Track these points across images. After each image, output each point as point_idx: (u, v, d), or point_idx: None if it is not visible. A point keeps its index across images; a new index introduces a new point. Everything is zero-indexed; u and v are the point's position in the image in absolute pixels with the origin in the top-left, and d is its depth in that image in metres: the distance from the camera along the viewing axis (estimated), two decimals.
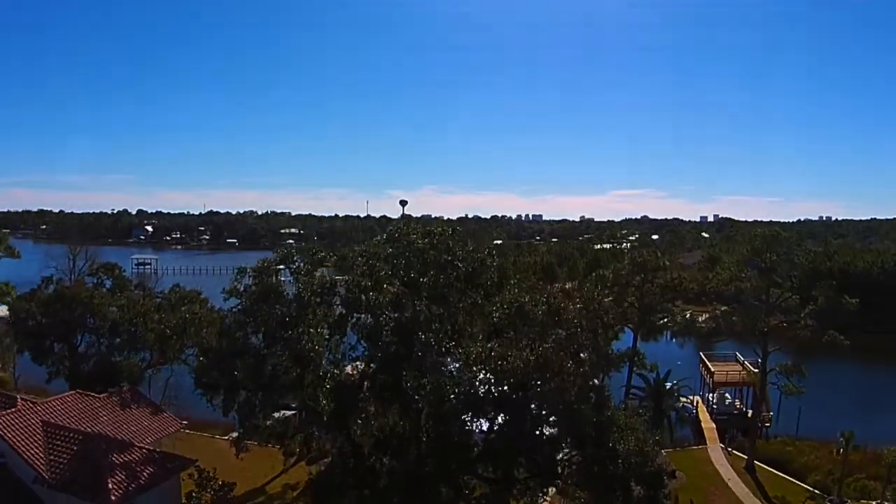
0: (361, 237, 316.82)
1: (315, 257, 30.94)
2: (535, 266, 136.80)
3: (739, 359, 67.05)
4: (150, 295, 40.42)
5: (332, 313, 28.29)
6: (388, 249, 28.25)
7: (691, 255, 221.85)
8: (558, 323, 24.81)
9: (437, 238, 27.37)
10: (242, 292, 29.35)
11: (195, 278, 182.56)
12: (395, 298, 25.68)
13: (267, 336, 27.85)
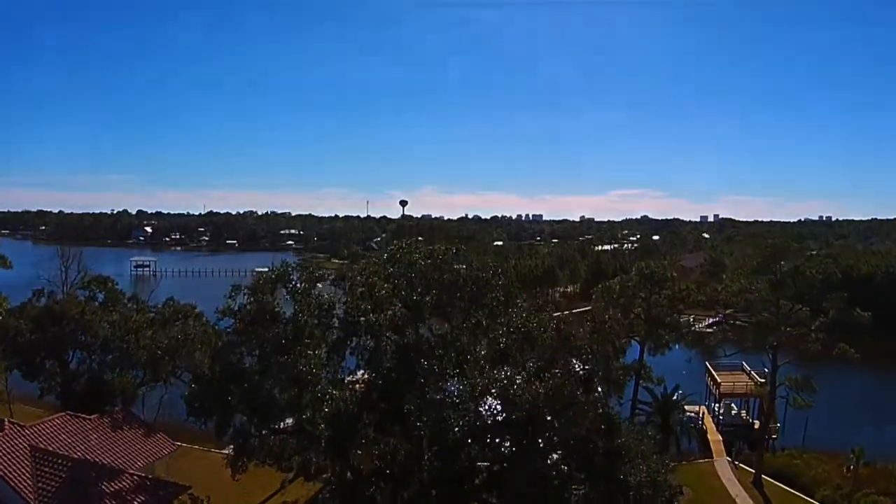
0: (361, 238, 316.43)
1: (313, 274, 29.81)
2: (537, 269, 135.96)
3: (746, 368, 65.93)
4: (143, 308, 39.24)
5: (330, 335, 27.19)
6: (389, 269, 27.13)
7: (693, 256, 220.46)
8: (568, 348, 23.76)
9: (440, 257, 26.27)
10: (237, 312, 28.20)
11: (193, 281, 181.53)
12: (396, 321, 24.61)
13: (262, 359, 26.74)
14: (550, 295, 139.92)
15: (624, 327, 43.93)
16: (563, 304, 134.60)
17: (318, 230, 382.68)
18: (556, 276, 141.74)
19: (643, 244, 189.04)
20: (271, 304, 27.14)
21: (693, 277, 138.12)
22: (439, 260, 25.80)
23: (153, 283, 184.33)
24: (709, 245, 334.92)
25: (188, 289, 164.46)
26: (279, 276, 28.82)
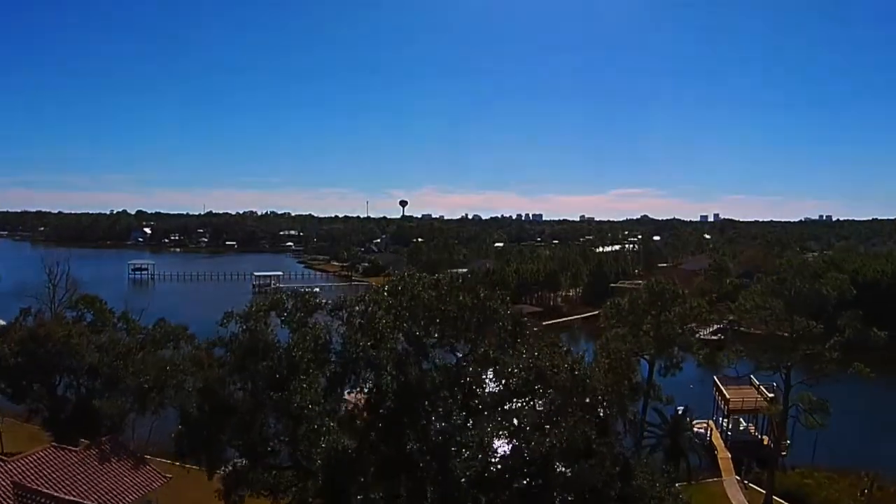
0: (361, 239, 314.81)
1: (308, 303, 28.29)
2: (539, 273, 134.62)
3: (754, 382, 64.38)
4: (134, 328, 37.68)
5: (328, 368, 25.71)
6: (389, 300, 25.61)
7: (695, 259, 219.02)
8: (583, 390, 22.27)
9: (444, 288, 24.78)
10: (228, 342, 26.70)
11: (192, 285, 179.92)
12: (399, 358, 23.17)
13: (255, 395, 25.28)
14: (552, 299, 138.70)
15: (633, 346, 42.57)
16: (566, 308, 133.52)
17: (317, 231, 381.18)
18: (558, 281, 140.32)
19: (645, 247, 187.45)
20: (265, 335, 25.64)
21: (697, 282, 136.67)
22: (444, 291, 24.29)
23: (151, 286, 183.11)
24: (710, 246, 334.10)
25: (186, 293, 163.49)
26: (273, 303, 27.32)
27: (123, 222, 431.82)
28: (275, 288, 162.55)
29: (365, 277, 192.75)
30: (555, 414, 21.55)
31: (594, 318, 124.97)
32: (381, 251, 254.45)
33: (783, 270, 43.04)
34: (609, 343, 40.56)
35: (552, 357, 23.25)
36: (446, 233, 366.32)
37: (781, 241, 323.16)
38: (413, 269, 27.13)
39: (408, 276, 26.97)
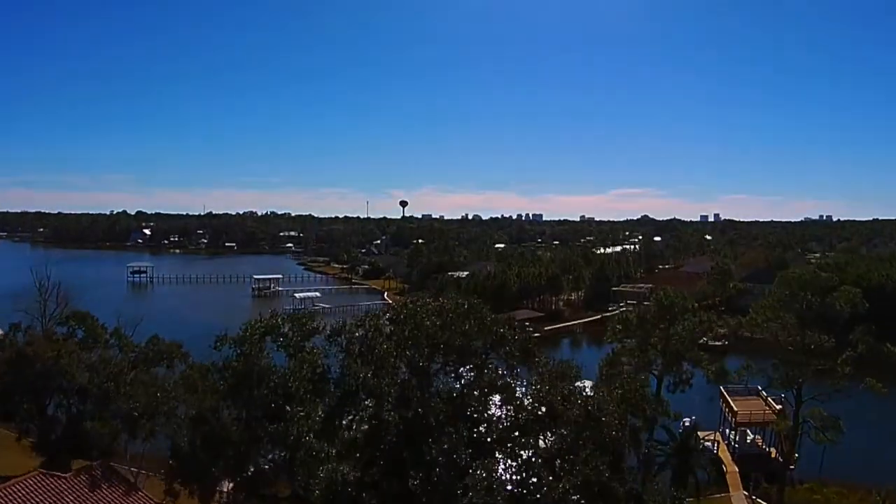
0: (361, 240, 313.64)
1: (305, 326, 27.11)
2: (541, 277, 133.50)
3: (762, 394, 63.20)
4: (126, 345, 36.44)
5: (325, 400, 24.57)
6: (390, 328, 24.43)
7: (697, 261, 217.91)
8: (596, 426, 21.12)
9: (450, 315, 23.57)
10: (222, 368, 25.53)
11: (191, 287, 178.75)
12: (401, 388, 22.04)
13: (249, 425, 24.15)
14: (554, 303, 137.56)
15: (642, 361, 41.50)
16: (568, 312, 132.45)
17: (317, 232, 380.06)
18: (560, 284, 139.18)
19: (647, 249, 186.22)
20: (260, 360, 24.49)
21: (699, 286, 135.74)
22: (450, 318, 23.10)
23: (150, 289, 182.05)
24: (711, 247, 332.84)
25: (184, 296, 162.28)
26: (268, 327, 26.14)
27: (123, 223, 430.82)
28: (274, 292, 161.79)
29: (365, 280, 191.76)
30: (567, 452, 20.44)
31: (596, 323, 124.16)
32: (382, 253, 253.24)
33: (793, 283, 41.73)
34: (617, 360, 39.45)
35: (563, 390, 22.09)
36: (446, 234, 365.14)
37: (783, 243, 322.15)
38: (417, 296, 25.64)
39: (410, 303, 25.76)
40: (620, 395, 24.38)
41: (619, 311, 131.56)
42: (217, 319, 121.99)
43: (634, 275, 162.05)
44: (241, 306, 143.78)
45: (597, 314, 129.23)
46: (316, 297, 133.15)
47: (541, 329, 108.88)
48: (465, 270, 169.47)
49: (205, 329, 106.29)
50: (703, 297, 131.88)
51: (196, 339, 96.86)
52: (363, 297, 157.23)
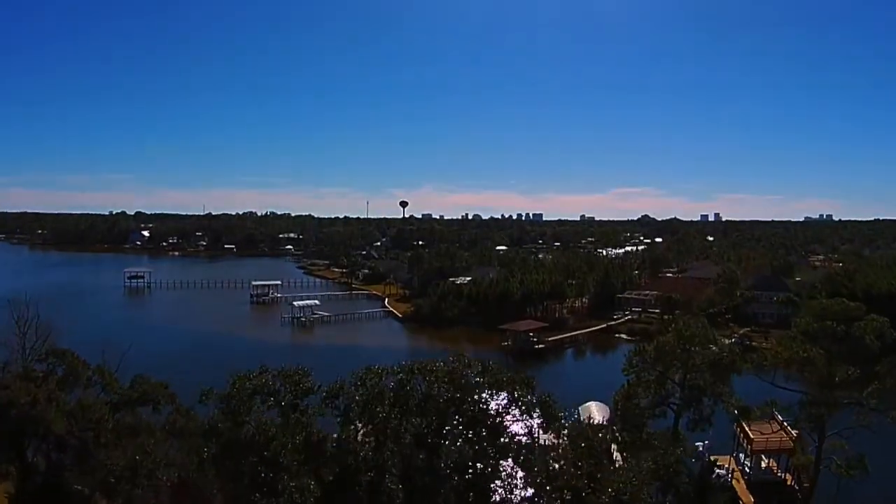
0: (361, 243, 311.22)
1: (299, 385, 24.77)
2: (544, 284, 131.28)
3: (777, 417, 60.81)
4: (111, 382, 34.05)
5: (322, 473, 22.30)
6: (391, 395, 22.14)
7: (701, 265, 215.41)
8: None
9: (462, 381, 21.25)
10: (207, 431, 23.22)
11: (188, 294, 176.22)
12: (406, 460, 19.86)
13: (238, 499, 21.91)
14: (558, 310, 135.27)
15: (659, 395, 39.27)
16: (572, 321, 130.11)
17: (317, 234, 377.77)
18: (564, 291, 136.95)
19: (651, 254, 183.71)
20: (248, 429, 22.22)
21: (705, 293, 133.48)
22: (462, 383, 20.82)
23: (147, 294, 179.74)
24: (713, 249, 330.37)
25: (182, 303, 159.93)
26: (258, 386, 23.82)
27: (122, 225, 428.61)
28: (272, 298, 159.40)
29: (365, 285, 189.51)
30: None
31: (602, 332, 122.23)
32: (382, 256, 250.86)
33: (821, 313, 39.39)
34: (633, 392, 37.09)
35: (590, 468, 19.87)
36: (447, 236, 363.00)
37: (785, 245, 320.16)
38: (422, 362, 22.94)
39: (417, 367, 23.45)
40: (653, 466, 22.18)
41: (624, 319, 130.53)
42: (215, 329, 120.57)
43: (638, 281, 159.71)
44: (240, 314, 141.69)
45: (602, 322, 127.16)
46: (315, 304, 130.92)
47: (545, 339, 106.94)
48: (466, 276, 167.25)
49: (201, 341, 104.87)
50: (710, 305, 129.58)
51: (191, 352, 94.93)
52: (363, 304, 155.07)
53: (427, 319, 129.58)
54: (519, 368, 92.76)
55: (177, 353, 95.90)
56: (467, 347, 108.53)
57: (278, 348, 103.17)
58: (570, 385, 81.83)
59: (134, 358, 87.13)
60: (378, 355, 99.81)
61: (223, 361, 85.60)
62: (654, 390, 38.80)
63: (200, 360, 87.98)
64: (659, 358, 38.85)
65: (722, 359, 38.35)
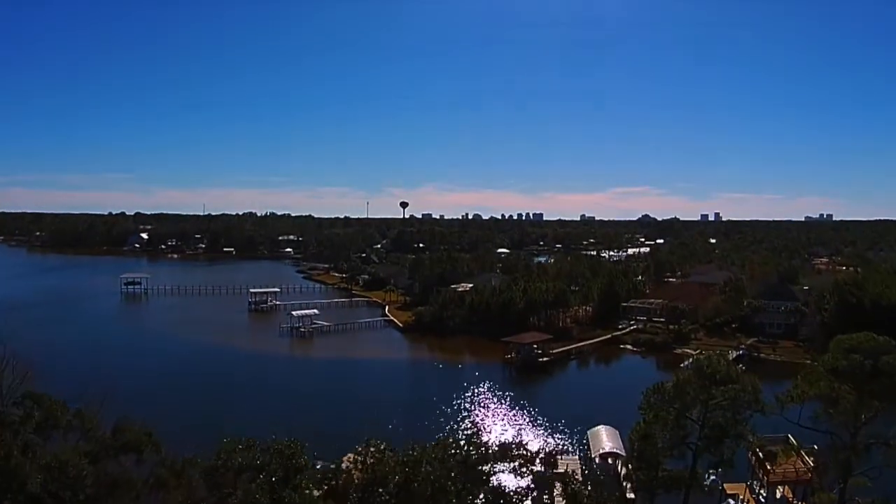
0: (361, 245, 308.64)
1: (290, 461, 22.39)
2: (548, 293, 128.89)
3: (792, 442, 58.51)
4: (92, 427, 31.68)
5: None
6: (395, 478, 19.86)
7: (704, 269, 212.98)
8: None
9: (474, 464, 18.97)
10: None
11: (185, 300, 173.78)
12: None
13: None
14: (562, 319, 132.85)
15: (678, 436, 37.02)
16: (576, 331, 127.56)
17: (317, 236, 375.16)
18: (568, 300, 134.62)
19: (655, 258, 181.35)
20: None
21: (712, 301, 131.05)
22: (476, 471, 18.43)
23: (144, 301, 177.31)
24: (716, 252, 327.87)
25: (179, 310, 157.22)
26: (246, 463, 21.49)
27: (120, 227, 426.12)
28: (271, 306, 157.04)
29: (366, 290, 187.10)
30: None
31: (606, 343, 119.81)
32: (382, 260, 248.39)
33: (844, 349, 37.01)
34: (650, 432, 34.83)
35: None
36: (448, 238, 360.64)
37: (788, 248, 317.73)
38: (434, 446, 20.52)
39: (427, 457, 21.09)
40: None
41: (629, 329, 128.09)
42: (211, 340, 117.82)
43: (643, 288, 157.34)
44: (237, 324, 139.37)
45: (606, 332, 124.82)
46: (314, 314, 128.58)
47: (549, 351, 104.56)
48: (468, 282, 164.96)
49: (197, 355, 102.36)
50: (716, 314, 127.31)
51: (186, 369, 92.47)
52: (364, 312, 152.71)
53: (428, 328, 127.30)
54: (523, 383, 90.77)
55: (170, 370, 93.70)
56: (470, 359, 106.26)
57: (276, 362, 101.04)
58: (577, 403, 79.62)
59: (126, 378, 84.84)
60: (378, 370, 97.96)
61: (218, 382, 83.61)
62: (671, 429, 36.54)
63: (195, 380, 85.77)
64: (678, 396, 36.57)
65: (744, 397, 35.96)
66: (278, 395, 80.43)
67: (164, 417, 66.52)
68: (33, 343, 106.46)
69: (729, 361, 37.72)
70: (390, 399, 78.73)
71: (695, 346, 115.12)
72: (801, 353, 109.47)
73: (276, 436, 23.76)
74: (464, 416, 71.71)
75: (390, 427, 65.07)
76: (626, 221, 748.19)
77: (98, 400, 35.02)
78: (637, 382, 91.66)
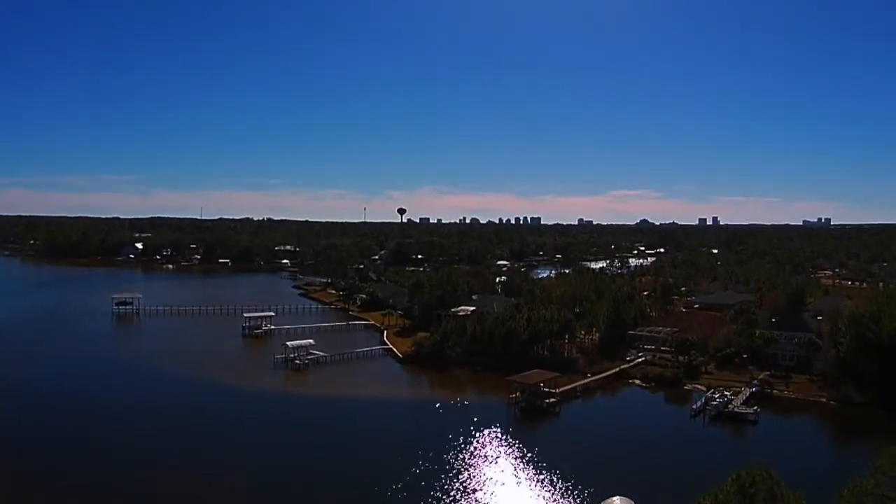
0: (359, 257, 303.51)
1: None
2: (553, 322, 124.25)
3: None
4: None
5: None
6: None
7: (711, 288, 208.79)
8: None
9: None
10: None
11: (178, 322, 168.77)
12: None
13: None
14: (567, 349, 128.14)
15: None
16: (582, 362, 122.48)
17: (314, 246, 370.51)
18: (574, 328, 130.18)
19: (661, 283, 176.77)
20: None
21: (723, 332, 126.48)
22: None
23: (136, 322, 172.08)
24: (719, 263, 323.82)
25: (170, 334, 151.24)
26: None
27: (115, 236, 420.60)
28: (266, 331, 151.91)
29: (363, 311, 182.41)
30: None
31: (614, 378, 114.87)
32: (380, 276, 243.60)
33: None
34: None
35: None
36: (447, 249, 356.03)
37: (792, 261, 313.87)
38: None
39: None
40: None
41: (638, 361, 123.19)
42: (201, 375, 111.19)
43: (650, 312, 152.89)
44: (230, 352, 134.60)
45: (614, 364, 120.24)
46: (310, 344, 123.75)
47: (555, 390, 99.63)
48: (469, 305, 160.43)
49: (185, 396, 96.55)
50: (727, 345, 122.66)
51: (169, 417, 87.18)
52: (361, 338, 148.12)
53: (428, 359, 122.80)
54: (528, 429, 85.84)
55: (149, 411, 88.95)
56: (471, 397, 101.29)
57: (268, 403, 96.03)
58: (587, 456, 74.85)
59: (106, 430, 79.82)
60: (375, 413, 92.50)
61: (203, 433, 78.13)
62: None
63: (178, 433, 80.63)
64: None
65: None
66: (267, 449, 75.64)
67: (123, 475, 62.17)
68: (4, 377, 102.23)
69: (772, 474, 33.03)
70: (386, 450, 74.43)
71: (706, 380, 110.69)
72: (816, 389, 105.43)
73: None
74: (461, 477, 67.03)
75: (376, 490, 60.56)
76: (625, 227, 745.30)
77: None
78: (649, 428, 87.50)
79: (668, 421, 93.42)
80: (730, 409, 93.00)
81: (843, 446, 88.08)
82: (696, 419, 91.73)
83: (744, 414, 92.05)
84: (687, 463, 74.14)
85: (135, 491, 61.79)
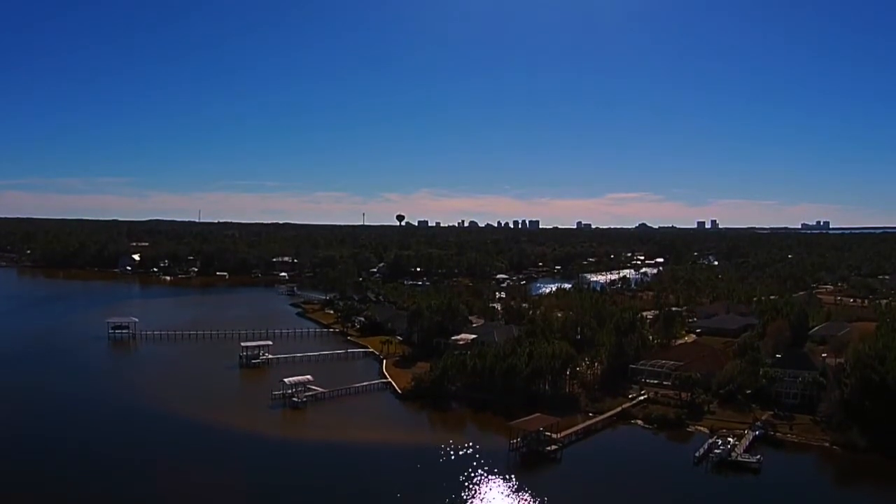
0: (357, 269, 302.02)
1: None
2: (555, 357, 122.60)
3: None
4: None
5: None
6: None
7: (713, 310, 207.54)
8: None
9: None
10: None
11: (174, 349, 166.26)
12: None
13: None
14: (569, 384, 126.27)
15: None
16: (583, 398, 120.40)
17: (311, 257, 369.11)
18: (576, 362, 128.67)
19: (664, 315, 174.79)
20: None
21: (727, 368, 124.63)
22: None
23: (133, 347, 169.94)
24: (719, 277, 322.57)
25: (166, 364, 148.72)
26: None
27: (112, 247, 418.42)
28: (263, 361, 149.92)
29: (362, 336, 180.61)
30: None
31: (616, 419, 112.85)
32: (378, 295, 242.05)
33: None
34: None
35: None
36: (445, 262, 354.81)
37: (794, 276, 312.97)
38: None
39: None
40: None
41: (640, 399, 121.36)
42: (195, 414, 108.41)
43: (652, 343, 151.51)
44: (226, 385, 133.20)
45: (616, 402, 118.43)
46: (308, 380, 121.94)
47: (556, 435, 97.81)
48: (469, 333, 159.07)
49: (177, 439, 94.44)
50: (730, 381, 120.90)
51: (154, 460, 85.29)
52: (360, 368, 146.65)
53: (428, 393, 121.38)
54: (529, 479, 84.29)
55: (134, 461, 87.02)
56: (471, 439, 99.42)
57: (264, 449, 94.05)
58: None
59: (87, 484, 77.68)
60: (373, 461, 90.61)
61: (194, 492, 76.15)
62: None
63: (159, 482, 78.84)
64: None
65: None
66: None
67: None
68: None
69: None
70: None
71: (708, 421, 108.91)
72: (819, 432, 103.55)
73: None
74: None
75: None
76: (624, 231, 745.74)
77: None
78: (650, 477, 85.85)
79: (670, 469, 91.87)
80: (732, 458, 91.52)
81: (846, 498, 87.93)
82: (699, 467, 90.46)
83: (747, 463, 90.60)
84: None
85: None
